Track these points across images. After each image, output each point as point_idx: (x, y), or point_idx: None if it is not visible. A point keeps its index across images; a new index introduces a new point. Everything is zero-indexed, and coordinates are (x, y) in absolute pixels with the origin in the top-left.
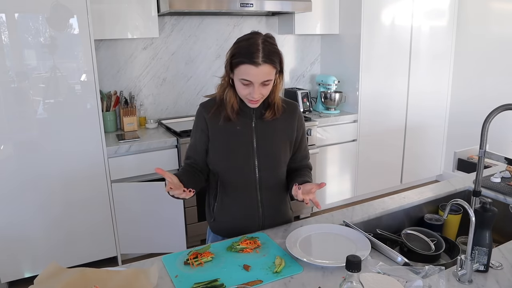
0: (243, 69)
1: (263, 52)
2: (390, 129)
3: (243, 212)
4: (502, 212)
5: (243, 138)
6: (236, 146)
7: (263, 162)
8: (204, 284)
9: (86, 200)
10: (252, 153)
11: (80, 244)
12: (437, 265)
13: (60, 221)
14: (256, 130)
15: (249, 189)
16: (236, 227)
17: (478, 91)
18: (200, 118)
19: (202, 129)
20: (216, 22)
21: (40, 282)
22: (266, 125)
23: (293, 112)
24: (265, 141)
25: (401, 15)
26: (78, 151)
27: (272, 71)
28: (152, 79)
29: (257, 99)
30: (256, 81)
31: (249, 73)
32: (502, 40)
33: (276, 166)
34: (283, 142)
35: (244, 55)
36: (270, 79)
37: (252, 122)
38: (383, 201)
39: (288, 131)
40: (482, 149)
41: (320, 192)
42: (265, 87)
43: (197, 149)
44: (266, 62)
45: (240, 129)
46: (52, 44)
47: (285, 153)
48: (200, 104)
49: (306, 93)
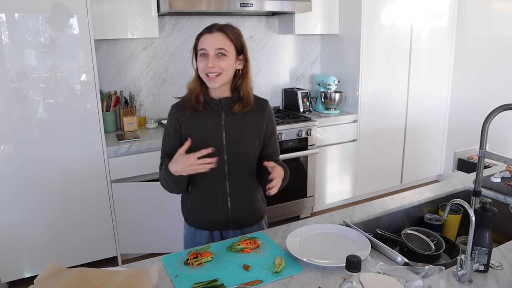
0: (201, 41)
1: (218, 25)
2: (390, 129)
3: (213, 205)
4: (502, 212)
5: (213, 134)
6: (206, 142)
7: (232, 157)
8: (204, 284)
9: (86, 200)
10: (222, 149)
11: (80, 244)
12: (437, 265)
13: (60, 221)
14: (226, 127)
15: (219, 182)
16: (207, 219)
17: (478, 91)
18: (172, 119)
19: (175, 129)
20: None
21: (40, 282)
22: (236, 122)
23: (263, 108)
24: (234, 137)
25: (401, 15)
26: (78, 151)
27: (227, 41)
28: (152, 79)
29: (214, 71)
30: (210, 48)
31: (204, 41)
32: (502, 40)
33: (245, 161)
34: (252, 138)
35: (204, 29)
36: (224, 48)
37: (222, 119)
38: (383, 201)
39: (257, 127)
40: (482, 149)
41: (320, 192)
42: (221, 60)
43: (175, 148)
44: (220, 31)
45: (210, 126)
46: (52, 44)
47: (253, 148)
48: (172, 106)
49: (306, 93)
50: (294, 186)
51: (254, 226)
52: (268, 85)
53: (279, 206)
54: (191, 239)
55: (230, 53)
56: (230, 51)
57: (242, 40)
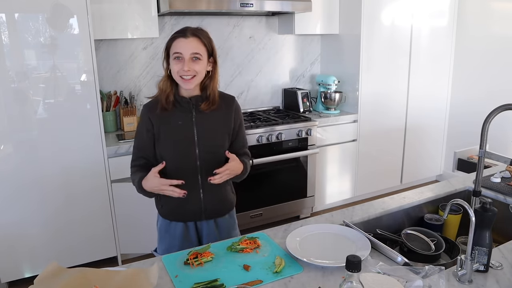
0: (175, 44)
1: (192, 29)
2: (390, 129)
3: (186, 197)
4: (502, 212)
5: (185, 130)
6: (178, 138)
7: (203, 152)
8: (204, 284)
9: (86, 200)
10: (193, 144)
11: (80, 244)
12: (437, 265)
13: (60, 221)
14: (196, 123)
15: (191, 176)
16: (182, 212)
17: (478, 91)
18: (144, 118)
19: (148, 128)
20: (216, 22)
21: (40, 282)
22: (206, 118)
23: (230, 105)
24: (204, 133)
25: (401, 15)
26: (78, 151)
27: (201, 46)
28: (152, 79)
29: (189, 73)
30: (185, 52)
31: (179, 45)
32: (502, 40)
33: (216, 155)
34: (222, 133)
35: (177, 32)
36: (199, 52)
37: (192, 116)
38: (383, 201)
39: (226, 123)
40: (482, 149)
41: (320, 192)
42: (196, 64)
43: (147, 147)
44: (195, 35)
45: (181, 123)
46: (52, 44)
47: (223, 142)
48: (144, 105)
49: (306, 93)
50: (294, 186)
51: (225, 216)
52: (268, 85)
53: (279, 206)
54: (166, 230)
55: (204, 56)
56: (204, 54)
57: (212, 44)
